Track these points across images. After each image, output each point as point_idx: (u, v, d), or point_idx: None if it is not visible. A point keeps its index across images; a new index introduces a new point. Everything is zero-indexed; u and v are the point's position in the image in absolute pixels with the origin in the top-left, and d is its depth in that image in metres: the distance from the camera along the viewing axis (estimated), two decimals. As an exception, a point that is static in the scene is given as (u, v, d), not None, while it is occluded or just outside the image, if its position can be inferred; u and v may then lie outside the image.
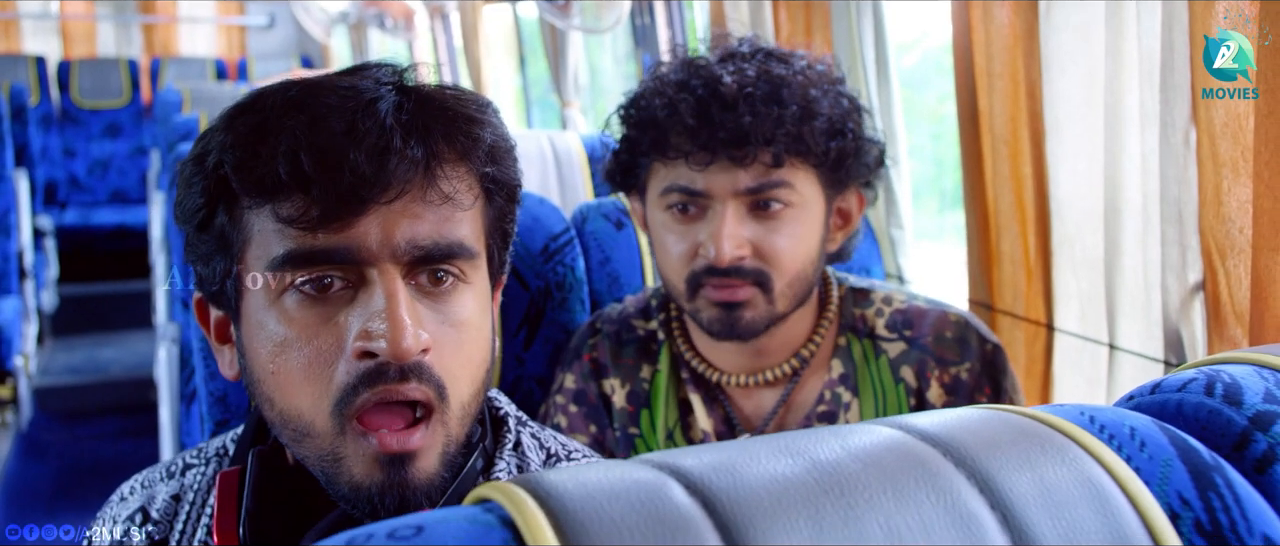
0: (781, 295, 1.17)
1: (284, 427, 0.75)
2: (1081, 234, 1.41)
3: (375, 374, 0.71)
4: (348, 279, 0.73)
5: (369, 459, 0.72)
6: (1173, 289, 1.19)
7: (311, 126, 0.70)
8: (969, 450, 0.54)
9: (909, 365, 1.22)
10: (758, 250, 1.15)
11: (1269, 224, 1.05)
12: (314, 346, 0.72)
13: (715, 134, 1.12)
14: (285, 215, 0.71)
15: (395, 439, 0.72)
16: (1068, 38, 1.35)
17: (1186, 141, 1.15)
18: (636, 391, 1.29)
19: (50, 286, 4.81)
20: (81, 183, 5.92)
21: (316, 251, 0.71)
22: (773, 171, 1.14)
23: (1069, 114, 1.37)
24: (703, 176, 1.15)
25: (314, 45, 6.44)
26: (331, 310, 0.73)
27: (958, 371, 1.20)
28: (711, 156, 1.13)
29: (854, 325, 1.25)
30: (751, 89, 1.13)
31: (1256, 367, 0.69)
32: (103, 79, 6.00)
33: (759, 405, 1.25)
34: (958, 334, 1.22)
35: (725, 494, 0.48)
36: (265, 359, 0.74)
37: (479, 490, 0.50)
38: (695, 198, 1.16)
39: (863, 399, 1.22)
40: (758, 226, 1.15)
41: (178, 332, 2.18)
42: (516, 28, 4.12)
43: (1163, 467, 0.56)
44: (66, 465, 3.86)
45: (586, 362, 1.31)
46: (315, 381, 0.72)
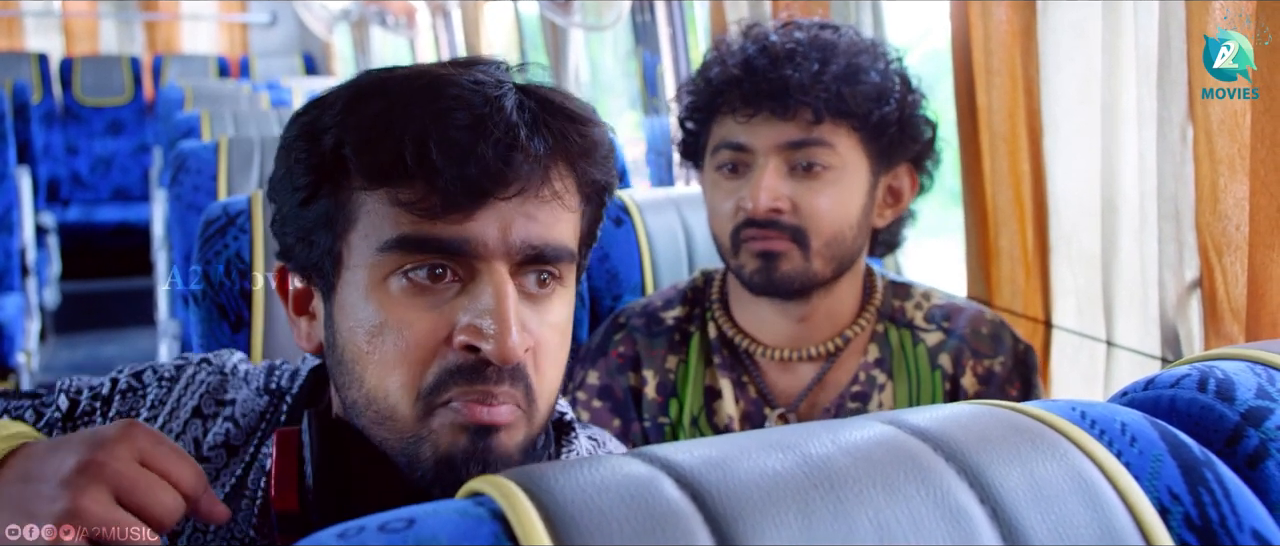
0: (818, 254, 1.20)
1: (367, 408, 0.75)
2: (1079, 230, 1.41)
3: (471, 370, 0.72)
4: (456, 272, 0.73)
5: (455, 428, 0.73)
6: (1170, 285, 1.20)
7: (440, 116, 0.71)
8: (960, 445, 0.54)
9: (947, 352, 1.25)
10: (796, 206, 1.19)
11: (1265, 221, 1.05)
12: (414, 334, 0.73)
13: (758, 86, 1.18)
14: (404, 200, 0.72)
15: (484, 410, 0.73)
16: (1065, 35, 1.35)
17: (1183, 138, 1.15)
18: (665, 382, 1.31)
19: (52, 283, 4.81)
20: (84, 180, 5.92)
21: (431, 239, 0.72)
22: (813, 128, 1.19)
23: (1067, 111, 1.38)
24: (746, 130, 1.20)
25: (316, 42, 6.45)
26: (436, 300, 0.73)
27: (991, 364, 1.24)
28: (755, 109, 1.19)
29: (893, 315, 1.29)
30: (798, 47, 1.19)
31: (1250, 364, 0.70)
32: (105, 76, 6.00)
33: (795, 381, 1.27)
34: (992, 330, 1.26)
35: (716, 488, 0.48)
36: (361, 339, 0.74)
37: (471, 483, 0.50)
38: (740, 152, 1.22)
39: (897, 383, 1.26)
40: (797, 185, 1.19)
41: (179, 329, 2.18)
42: (518, 25, 4.12)
43: (1153, 463, 0.56)
44: (69, 462, 3.85)
45: (613, 358, 1.33)
46: (408, 368, 0.73)
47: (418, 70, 0.77)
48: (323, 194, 0.76)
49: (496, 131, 0.71)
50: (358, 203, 0.74)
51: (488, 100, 0.72)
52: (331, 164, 0.74)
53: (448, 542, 0.44)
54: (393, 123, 0.72)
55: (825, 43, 1.20)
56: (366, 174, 0.73)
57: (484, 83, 0.74)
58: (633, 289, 1.51)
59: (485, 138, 0.71)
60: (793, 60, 1.18)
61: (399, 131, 0.71)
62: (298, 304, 0.82)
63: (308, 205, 0.76)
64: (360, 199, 0.74)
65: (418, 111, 0.72)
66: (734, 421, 1.27)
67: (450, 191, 0.71)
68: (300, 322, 0.82)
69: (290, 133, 0.78)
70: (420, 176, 0.71)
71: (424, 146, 0.71)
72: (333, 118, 0.75)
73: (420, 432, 0.73)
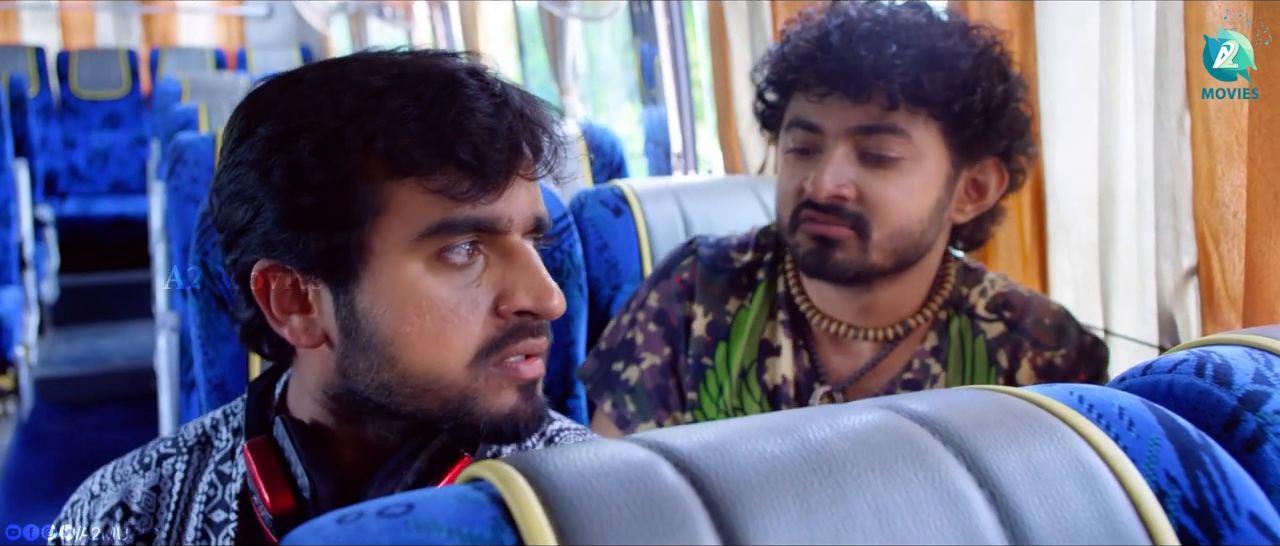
0: (878, 246, 1.15)
1: (403, 385, 0.80)
2: (1076, 219, 1.41)
3: (521, 330, 0.81)
4: (484, 246, 0.80)
5: (510, 389, 0.81)
6: (1167, 273, 1.20)
7: (467, 107, 0.77)
8: (958, 429, 0.54)
9: (1004, 347, 1.20)
10: (861, 194, 1.14)
11: (1263, 209, 1.05)
12: (456, 307, 0.79)
13: (831, 64, 1.14)
14: (438, 187, 0.77)
15: (529, 367, 0.82)
16: (1063, 24, 1.35)
17: (1181, 126, 1.15)
18: (718, 322, 1.27)
19: (51, 277, 4.81)
20: (81, 173, 5.91)
21: (469, 220, 0.78)
22: (887, 114, 1.13)
23: (1064, 100, 1.38)
24: (819, 109, 1.16)
25: (313, 35, 6.44)
26: (471, 275, 0.80)
27: (1052, 356, 1.19)
28: (828, 89, 1.15)
29: (957, 302, 1.24)
30: (877, 26, 1.14)
31: (1247, 349, 0.70)
32: (102, 69, 5.99)
33: (848, 361, 1.23)
34: (1057, 321, 1.21)
35: (714, 472, 0.48)
36: (396, 321, 0.79)
37: (470, 469, 0.50)
38: (811, 132, 1.17)
39: (951, 374, 1.21)
40: (866, 172, 1.15)
41: (177, 321, 2.18)
42: (515, 16, 4.11)
43: (1151, 446, 0.57)
44: (68, 455, 3.87)
45: (675, 283, 1.30)
46: (456, 338, 0.79)
47: (412, 63, 0.80)
48: (344, 189, 0.77)
49: (511, 117, 0.79)
50: (386, 193, 0.78)
51: (494, 90, 0.79)
52: (357, 158, 0.77)
53: (447, 526, 0.45)
54: (426, 114, 0.77)
55: (907, 23, 1.14)
56: (399, 165, 0.77)
57: (479, 71, 0.81)
58: (632, 278, 1.52)
59: (507, 124, 0.78)
60: (869, 40, 1.12)
61: (434, 122, 0.76)
62: (285, 304, 0.82)
63: (325, 202, 0.77)
64: (389, 188, 0.78)
65: (446, 103, 0.77)
66: (788, 384, 1.23)
67: (486, 174, 0.77)
68: (293, 320, 0.82)
69: (265, 131, 0.78)
70: (454, 163, 0.77)
71: (461, 134, 0.76)
72: (344, 113, 0.77)
73: (469, 392, 0.80)
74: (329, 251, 0.78)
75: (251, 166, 0.79)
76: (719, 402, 1.26)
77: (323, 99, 0.78)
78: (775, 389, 1.24)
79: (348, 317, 0.80)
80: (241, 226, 0.80)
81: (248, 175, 0.79)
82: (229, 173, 0.81)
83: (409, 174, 0.77)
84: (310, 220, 0.78)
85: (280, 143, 0.78)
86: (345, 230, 0.78)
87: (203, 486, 0.90)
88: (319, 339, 0.82)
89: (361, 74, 0.79)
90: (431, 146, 0.76)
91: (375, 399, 0.81)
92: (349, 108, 0.77)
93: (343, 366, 0.81)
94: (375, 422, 0.83)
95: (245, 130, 0.80)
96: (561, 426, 0.95)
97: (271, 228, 0.79)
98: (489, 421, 0.81)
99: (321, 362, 0.83)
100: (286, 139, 0.77)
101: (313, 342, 0.82)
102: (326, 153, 0.77)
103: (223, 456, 0.91)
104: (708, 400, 1.26)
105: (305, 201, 0.77)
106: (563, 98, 3.39)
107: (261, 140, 0.78)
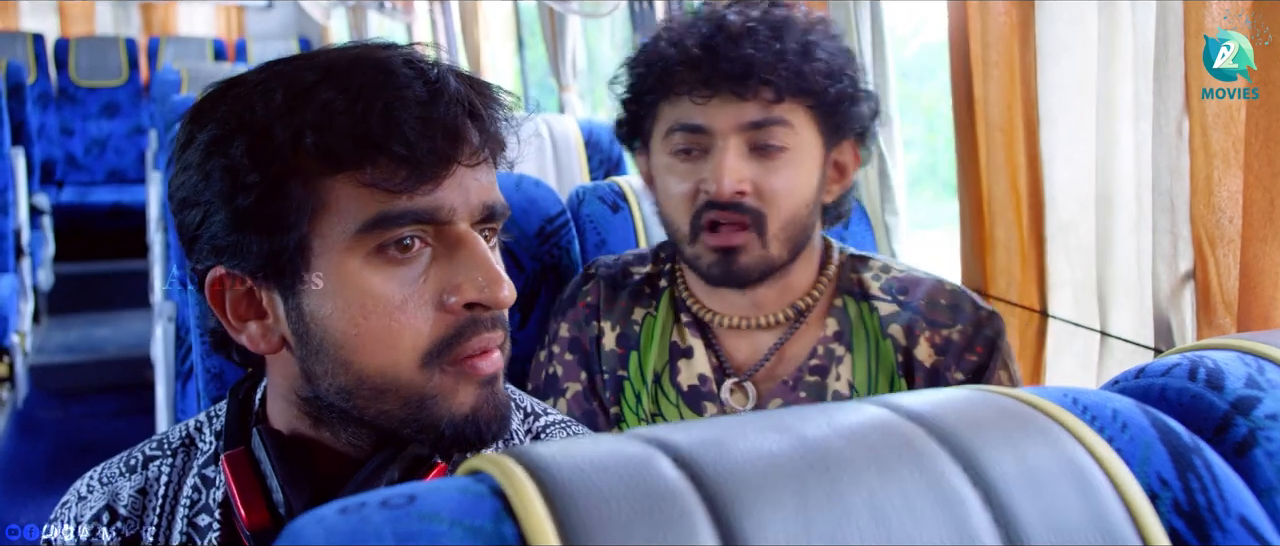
0: (775, 238, 1.19)
1: (360, 388, 0.78)
2: (1075, 221, 1.42)
3: (472, 325, 0.78)
4: (425, 239, 0.77)
5: (469, 387, 0.78)
6: (1163, 277, 1.20)
7: (398, 95, 0.75)
8: (953, 429, 0.54)
9: (897, 324, 1.24)
10: (757, 188, 1.18)
11: (1259, 214, 1.05)
12: (402, 304, 0.76)
13: (718, 66, 1.16)
14: (371, 180, 0.74)
15: (486, 362, 0.79)
16: (1063, 28, 1.36)
17: (1179, 131, 1.15)
18: (627, 334, 1.31)
19: (46, 265, 4.80)
20: (79, 161, 5.90)
21: (407, 212, 0.75)
22: (773, 107, 1.17)
23: (1063, 103, 1.38)
24: (705, 111, 1.18)
25: (312, 26, 6.43)
26: (417, 268, 0.77)
27: (949, 333, 1.22)
28: (714, 90, 1.17)
29: (851, 288, 1.27)
30: (755, 25, 1.17)
31: (1239, 354, 0.70)
32: (100, 57, 5.98)
33: (752, 350, 1.27)
34: (951, 300, 1.24)
35: (713, 468, 0.49)
36: (344, 323, 0.77)
37: (471, 461, 0.51)
38: (698, 134, 1.19)
39: (856, 355, 1.24)
40: (757, 166, 1.18)
41: (174, 311, 2.18)
42: (515, 11, 4.11)
43: (1144, 449, 0.57)
44: (62, 443, 3.87)
45: (581, 309, 1.33)
46: (405, 336, 0.76)
47: (343, 55, 0.78)
48: (279, 188, 0.75)
49: (451, 103, 0.76)
50: (321, 190, 0.76)
51: (429, 77, 0.77)
52: (287, 156, 0.75)
53: (449, 518, 0.45)
54: (353, 107, 0.74)
55: (780, 20, 1.18)
56: (331, 160, 0.75)
57: (416, 60, 0.78)
58: (629, 275, 1.52)
59: (444, 109, 0.76)
60: (753, 39, 1.16)
61: (362, 114, 0.74)
62: (241, 310, 0.81)
63: (262, 203, 0.75)
64: (323, 185, 0.75)
65: (375, 94, 0.74)
66: (709, 381, 1.26)
67: (420, 164, 0.75)
68: (249, 327, 0.81)
69: (205, 136, 0.77)
70: (386, 154, 0.74)
71: (391, 125, 0.74)
72: (274, 111, 0.75)
73: (427, 392, 0.77)
74: (272, 254, 0.77)
75: (195, 169, 0.77)
76: (639, 411, 1.29)
77: (257, 98, 0.76)
78: (692, 388, 1.27)
79: (298, 321, 0.78)
80: (193, 231, 0.79)
81: (192, 178, 0.78)
82: (178, 178, 0.79)
83: (341, 169, 0.75)
84: (251, 222, 0.76)
85: (218, 145, 0.76)
86: (285, 231, 0.76)
87: (187, 489, 0.89)
88: (277, 344, 0.80)
89: (296, 71, 0.77)
90: (361, 139, 0.74)
91: (338, 404, 0.80)
92: (279, 104, 0.75)
93: (304, 371, 0.80)
94: (345, 430, 0.82)
95: (189, 135, 0.79)
96: (548, 421, 0.95)
97: (218, 232, 0.77)
98: (450, 423, 0.78)
99: (287, 368, 0.81)
100: (224, 141, 0.76)
101: (271, 348, 0.81)
102: (258, 152, 0.75)
103: (206, 460, 0.90)
104: (628, 410, 1.30)
105: (243, 203, 0.76)
106: (562, 94, 3.40)
107: (201, 144, 0.77)
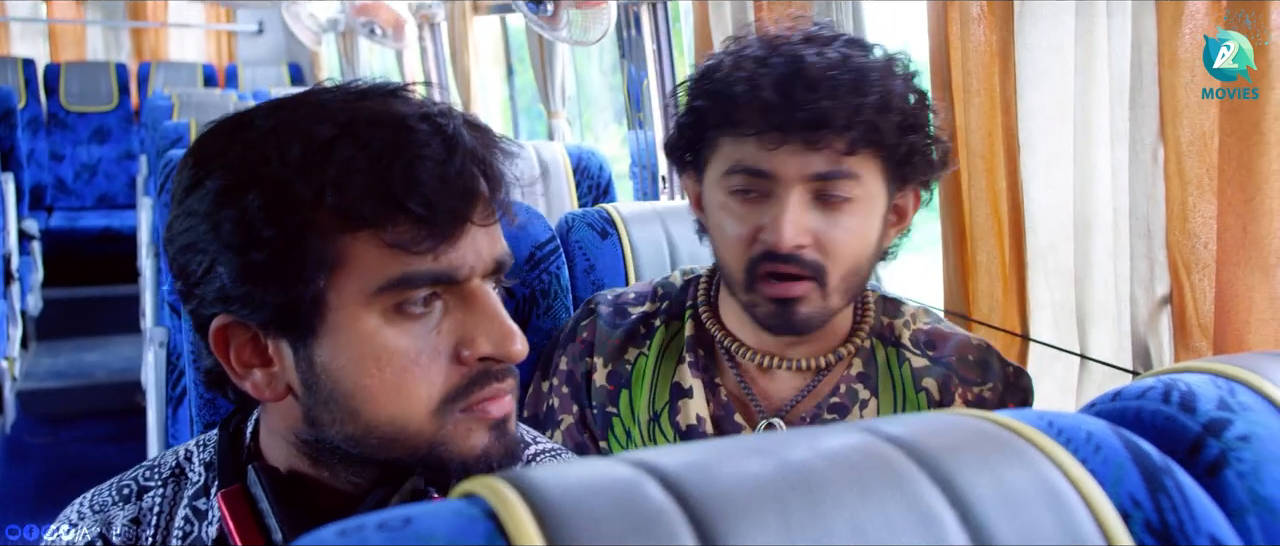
0: (835, 289, 1.15)
1: (369, 436, 0.79)
2: (1055, 246, 1.44)
3: (484, 376, 0.79)
4: (443, 293, 0.79)
5: (480, 431, 0.80)
6: (1141, 301, 1.22)
7: (417, 155, 0.75)
8: (932, 452, 0.56)
9: (933, 378, 1.22)
10: (818, 241, 1.13)
11: (1232, 240, 1.08)
12: (417, 357, 0.78)
13: (793, 114, 1.10)
14: (391, 240, 0.75)
15: (497, 406, 0.80)
16: (1042, 55, 1.38)
17: (1155, 158, 1.18)
18: (618, 372, 1.29)
19: (35, 290, 4.79)
20: (68, 187, 5.90)
21: (428, 274, 0.77)
22: (844, 159, 1.11)
23: (1043, 130, 1.41)
24: (772, 157, 1.12)
25: (303, 52, 6.45)
26: (431, 322, 0.78)
27: (981, 391, 1.20)
28: (785, 136, 1.11)
29: (881, 332, 1.25)
30: (835, 72, 1.10)
31: (1212, 377, 0.72)
32: (91, 83, 5.99)
33: (779, 388, 1.24)
34: (980, 357, 1.22)
35: (699, 491, 0.50)
36: (357, 374, 0.77)
37: (465, 484, 0.52)
38: (760, 179, 1.13)
39: (882, 399, 1.22)
40: (820, 216, 1.13)
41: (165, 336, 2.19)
42: (505, 38, 4.14)
43: (1116, 470, 0.59)
44: (50, 468, 3.85)
45: (578, 344, 1.32)
46: (418, 388, 0.78)
47: (359, 108, 0.78)
48: (296, 244, 0.75)
49: (464, 161, 0.77)
50: (339, 246, 0.75)
51: (447, 133, 0.77)
52: (306, 213, 0.74)
53: (444, 539, 0.47)
54: (375, 166, 0.74)
55: (859, 66, 1.12)
56: (350, 218, 0.75)
57: (432, 114, 0.78)
58: (618, 300, 1.54)
59: (458, 169, 0.76)
60: (831, 87, 1.09)
61: (384, 174, 0.74)
62: (245, 357, 0.80)
63: (277, 257, 0.75)
64: (341, 242, 0.75)
65: (395, 152, 0.75)
66: (706, 422, 1.24)
67: (439, 224, 0.75)
68: (254, 374, 0.80)
69: (213, 183, 0.76)
70: (405, 214, 0.75)
71: (411, 185, 0.74)
72: (292, 165, 0.75)
73: (439, 438, 0.79)
74: (286, 307, 0.76)
75: (202, 218, 0.76)
76: (628, 447, 1.28)
77: (271, 149, 0.75)
78: (690, 429, 1.25)
79: (308, 371, 0.78)
80: (197, 278, 0.78)
81: (199, 227, 0.77)
82: (181, 222, 0.78)
83: (362, 228, 0.75)
84: (264, 275, 0.76)
85: (229, 196, 0.75)
86: (300, 285, 0.76)
87: (179, 520, 0.89)
88: (282, 392, 0.80)
89: (310, 121, 0.76)
90: (382, 199, 0.74)
91: (344, 448, 0.80)
92: (297, 159, 0.74)
93: (309, 417, 0.80)
94: (347, 469, 0.82)
95: (194, 179, 0.77)
96: (539, 449, 0.95)
97: (227, 282, 0.76)
98: (461, 465, 0.79)
99: (288, 412, 0.81)
100: (235, 192, 0.75)
101: (276, 396, 0.80)
102: (276, 207, 0.74)
103: (196, 491, 0.90)
104: (616, 446, 1.29)
105: (257, 257, 0.75)
106: (551, 120, 3.42)
107: (210, 192, 0.76)
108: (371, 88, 0.81)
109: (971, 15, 1.47)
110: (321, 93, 0.81)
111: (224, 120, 0.81)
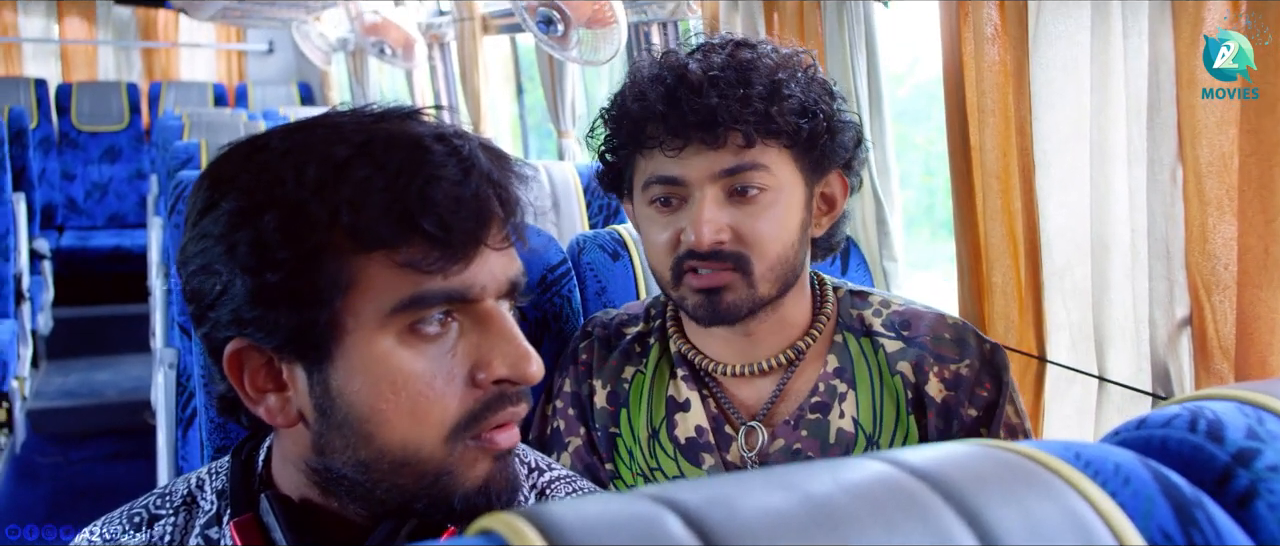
0: (762, 278, 1.19)
1: (380, 461, 0.78)
2: (1071, 266, 1.43)
3: (499, 400, 0.79)
4: (458, 314, 0.78)
5: (486, 460, 0.79)
6: (1160, 323, 1.21)
7: (433, 176, 0.75)
8: (957, 485, 0.55)
9: (906, 361, 1.24)
10: (737, 234, 1.18)
11: (1253, 261, 1.07)
12: (432, 380, 0.77)
13: (684, 118, 1.16)
14: (405, 260, 0.75)
15: (505, 436, 0.80)
16: (1057, 75, 1.37)
17: (1173, 179, 1.17)
18: (617, 392, 1.32)
19: (46, 309, 4.81)
20: (79, 206, 5.93)
21: (441, 293, 0.76)
22: (745, 152, 1.17)
23: (1058, 149, 1.40)
24: (678, 163, 1.18)
25: (312, 71, 6.48)
26: (446, 344, 0.78)
27: (957, 368, 1.22)
28: (684, 141, 1.17)
29: (851, 324, 1.28)
30: (717, 73, 1.17)
31: (1239, 404, 0.71)
32: (102, 102, 6.02)
33: (755, 394, 1.27)
34: (956, 335, 1.24)
35: (721, 526, 0.49)
36: (372, 398, 0.77)
37: (482, 521, 0.51)
38: (674, 186, 1.20)
39: (860, 391, 1.25)
40: (736, 211, 1.18)
41: (176, 357, 2.18)
42: (514, 57, 4.15)
43: (1146, 503, 0.58)
44: (59, 487, 3.85)
45: (578, 367, 1.35)
46: (433, 411, 0.77)
47: (375, 129, 0.77)
48: (311, 265, 0.74)
49: (479, 183, 0.76)
50: (354, 267, 0.75)
51: (463, 155, 0.77)
52: (322, 233, 0.74)
53: (461, 579, 0.46)
54: (392, 186, 0.74)
55: (744, 63, 1.18)
56: (366, 239, 0.74)
57: (448, 135, 0.78)
58: (630, 322, 1.53)
59: (473, 190, 0.76)
60: (716, 87, 1.16)
61: (400, 194, 0.74)
62: (259, 381, 0.80)
63: (292, 278, 0.75)
64: (356, 263, 0.75)
65: (411, 173, 0.75)
66: (705, 433, 1.27)
67: (454, 245, 0.75)
68: (268, 399, 0.80)
69: (228, 205, 0.76)
70: (420, 234, 0.74)
71: (427, 205, 0.74)
72: (308, 186, 0.74)
73: (446, 467, 0.78)
74: (300, 329, 0.76)
75: (217, 240, 0.76)
76: (632, 466, 1.31)
77: (287, 170, 0.75)
78: (690, 441, 1.28)
79: (322, 396, 0.78)
80: (211, 301, 0.77)
81: (214, 249, 0.76)
82: (195, 245, 0.78)
83: (376, 248, 0.75)
84: (279, 297, 0.75)
85: (245, 217, 0.75)
86: (316, 307, 0.75)
87: None
88: (295, 418, 0.80)
89: (326, 143, 0.76)
90: (397, 219, 0.74)
91: (351, 476, 0.79)
92: (313, 180, 0.74)
93: (318, 444, 0.79)
94: (353, 500, 0.81)
95: (209, 201, 0.77)
96: (553, 476, 0.95)
97: (242, 304, 0.76)
98: (463, 496, 0.79)
99: (299, 436, 0.81)
100: (251, 213, 0.75)
101: (289, 422, 0.80)
102: (291, 228, 0.74)
103: (208, 519, 0.89)
104: (622, 466, 1.31)
105: (272, 278, 0.74)
106: (561, 140, 3.42)
107: (225, 214, 0.76)
108: (387, 111, 0.81)
109: (985, 34, 1.46)
110: (338, 116, 0.80)
111: (240, 143, 0.81)
